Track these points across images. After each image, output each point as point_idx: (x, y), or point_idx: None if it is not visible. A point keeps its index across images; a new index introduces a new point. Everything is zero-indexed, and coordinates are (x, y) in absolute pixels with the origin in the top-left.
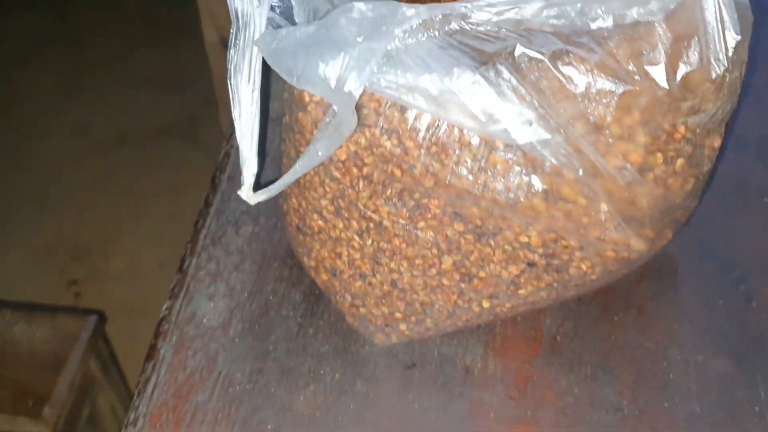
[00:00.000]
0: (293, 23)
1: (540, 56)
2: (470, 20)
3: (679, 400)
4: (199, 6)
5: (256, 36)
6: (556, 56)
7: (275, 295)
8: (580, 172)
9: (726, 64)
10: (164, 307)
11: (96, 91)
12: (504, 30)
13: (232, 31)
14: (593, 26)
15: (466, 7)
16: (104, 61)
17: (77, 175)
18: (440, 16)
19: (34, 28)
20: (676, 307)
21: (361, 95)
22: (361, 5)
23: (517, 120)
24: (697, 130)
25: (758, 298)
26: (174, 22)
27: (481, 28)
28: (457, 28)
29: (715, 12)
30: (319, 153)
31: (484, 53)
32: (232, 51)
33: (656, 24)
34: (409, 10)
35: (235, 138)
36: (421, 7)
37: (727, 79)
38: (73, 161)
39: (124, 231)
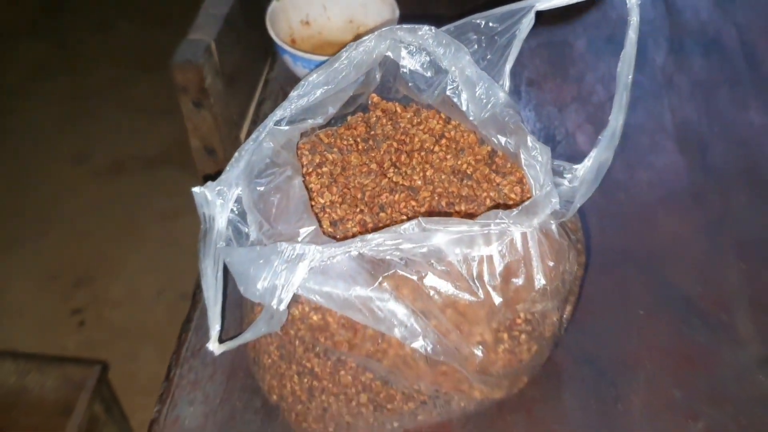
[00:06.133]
0: (245, 221)
1: (412, 276)
2: (365, 252)
3: None
4: (186, 122)
5: (219, 232)
6: (423, 277)
7: (240, 401)
8: (441, 358)
9: (544, 281)
10: (155, 410)
11: (93, 119)
12: (388, 257)
13: (202, 227)
14: (449, 257)
15: (359, 244)
16: (100, 88)
17: (77, 202)
18: (339, 252)
19: (34, 56)
20: (559, 408)
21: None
22: (284, 245)
23: (398, 321)
24: (535, 315)
25: (623, 401)
26: (167, 45)
27: (372, 254)
28: (357, 254)
29: (536, 245)
30: (262, 330)
31: (378, 269)
32: (201, 243)
33: (493, 256)
34: (316, 251)
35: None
36: (326, 250)
37: (549, 288)
38: (73, 189)
39: (123, 258)
